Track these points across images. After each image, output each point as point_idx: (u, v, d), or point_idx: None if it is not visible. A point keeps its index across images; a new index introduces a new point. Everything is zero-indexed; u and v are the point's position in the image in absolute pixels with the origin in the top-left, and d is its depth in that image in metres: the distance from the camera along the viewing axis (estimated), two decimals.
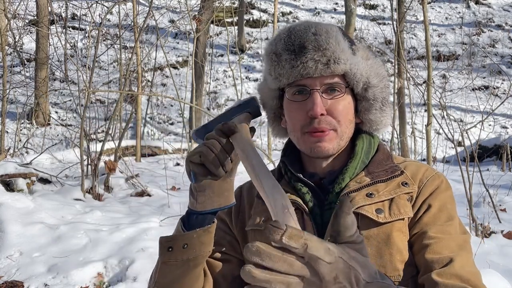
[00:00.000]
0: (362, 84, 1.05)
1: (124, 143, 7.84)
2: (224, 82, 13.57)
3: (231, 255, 1.12)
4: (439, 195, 1.04)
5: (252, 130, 0.98)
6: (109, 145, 7.20)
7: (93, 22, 10.35)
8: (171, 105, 12.56)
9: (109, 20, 14.05)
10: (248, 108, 1.02)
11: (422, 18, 12.85)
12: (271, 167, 5.29)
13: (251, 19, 15.78)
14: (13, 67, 12.70)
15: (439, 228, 1.00)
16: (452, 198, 1.06)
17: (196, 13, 9.56)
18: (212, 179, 0.93)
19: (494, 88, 12.28)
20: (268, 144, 8.60)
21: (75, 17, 14.86)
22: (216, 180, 0.94)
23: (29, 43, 13.22)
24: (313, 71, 1.01)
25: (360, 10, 15.56)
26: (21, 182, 5.37)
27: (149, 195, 5.52)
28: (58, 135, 10.99)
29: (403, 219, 1.00)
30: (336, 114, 1.03)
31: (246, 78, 13.36)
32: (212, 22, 10.26)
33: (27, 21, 12.59)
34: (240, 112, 1.01)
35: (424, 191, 1.04)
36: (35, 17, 11.48)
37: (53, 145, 9.17)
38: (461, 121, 10.67)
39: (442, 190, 1.05)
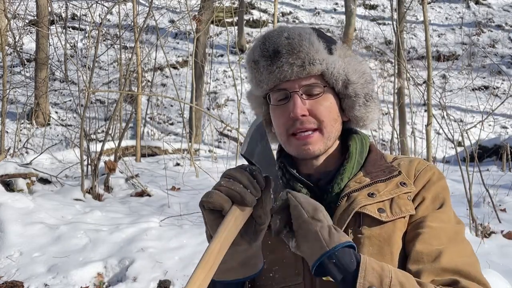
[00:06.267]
0: (341, 82, 1.07)
1: (124, 143, 7.84)
2: (224, 82, 13.56)
3: None
4: (431, 186, 1.07)
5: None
6: (109, 145, 7.20)
7: (93, 22, 10.33)
8: (171, 105, 12.55)
9: (109, 20, 14.03)
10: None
11: (422, 18, 12.84)
12: None
13: (251, 19, 15.76)
14: (13, 67, 12.68)
15: (432, 216, 1.02)
16: (444, 188, 1.08)
17: (196, 13, 9.55)
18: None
19: (494, 88, 12.27)
20: None
21: (75, 17, 14.84)
22: (240, 246, 0.89)
23: (29, 43, 13.20)
24: (290, 74, 1.04)
25: (360, 10, 15.53)
26: (21, 182, 5.36)
27: (149, 195, 5.52)
28: (58, 135, 10.98)
29: (404, 217, 1.02)
30: (318, 114, 1.05)
31: (246, 78, 13.35)
32: (212, 22, 10.25)
33: (27, 21, 12.57)
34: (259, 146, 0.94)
35: (417, 184, 1.07)
36: (35, 17, 11.46)
37: (53, 145, 9.17)
38: (461, 121, 10.66)
39: (434, 181, 1.08)
